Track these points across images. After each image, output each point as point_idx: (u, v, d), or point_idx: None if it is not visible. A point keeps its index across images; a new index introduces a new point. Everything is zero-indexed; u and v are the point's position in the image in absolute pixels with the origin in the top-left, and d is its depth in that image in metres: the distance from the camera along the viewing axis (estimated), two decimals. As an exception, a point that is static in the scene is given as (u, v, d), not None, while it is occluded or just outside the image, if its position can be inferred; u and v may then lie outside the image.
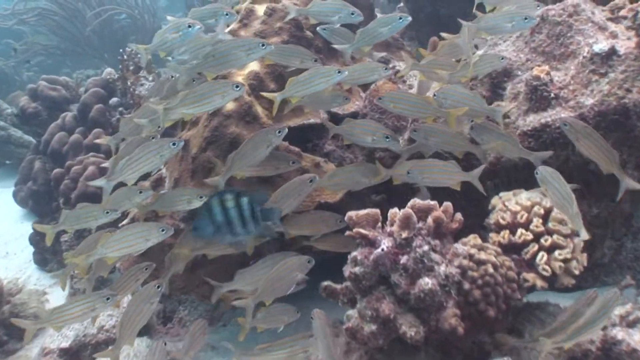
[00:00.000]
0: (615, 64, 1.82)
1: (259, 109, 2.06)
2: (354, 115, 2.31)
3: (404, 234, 1.52)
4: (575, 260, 1.65)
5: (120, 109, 3.41)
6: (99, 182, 1.89)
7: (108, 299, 1.69)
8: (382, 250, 1.53)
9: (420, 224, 1.54)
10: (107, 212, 1.87)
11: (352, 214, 1.60)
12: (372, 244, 1.58)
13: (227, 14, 1.98)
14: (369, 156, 2.26)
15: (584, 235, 1.52)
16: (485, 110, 1.87)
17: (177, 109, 1.75)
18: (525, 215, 1.68)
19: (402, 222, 1.52)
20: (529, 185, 2.06)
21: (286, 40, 2.24)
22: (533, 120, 1.92)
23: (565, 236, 1.66)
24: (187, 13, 2.15)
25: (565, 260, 1.62)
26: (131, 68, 3.44)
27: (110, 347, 1.91)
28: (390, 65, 2.68)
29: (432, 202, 1.57)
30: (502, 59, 1.95)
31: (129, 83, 3.38)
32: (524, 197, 1.76)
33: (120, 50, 3.50)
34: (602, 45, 1.85)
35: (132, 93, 3.36)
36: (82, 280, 2.78)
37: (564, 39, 2.02)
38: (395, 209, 1.60)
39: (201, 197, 1.85)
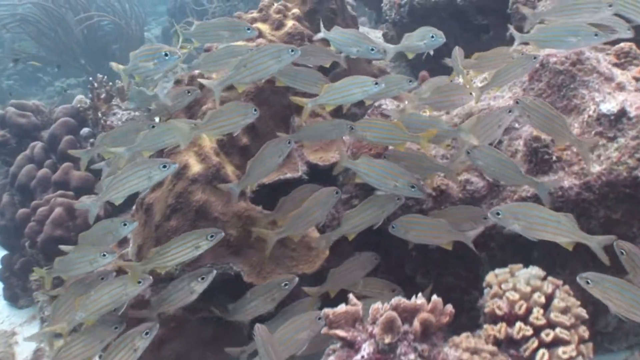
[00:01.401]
0: (626, 128, 1.62)
1: (229, 170, 1.86)
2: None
3: (387, 339, 1.33)
4: (581, 355, 1.47)
5: (92, 140, 3.19)
6: (86, 203, 1.78)
7: (116, 327, 1.66)
8: (362, 357, 1.34)
9: (406, 326, 1.36)
10: (104, 255, 1.68)
11: (328, 312, 1.42)
12: (351, 345, 1.39)
13: (248, 29, 1.90)
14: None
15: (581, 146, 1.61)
16: (449, 132, 1.74)
17: (202, 129, 1.70)
18: (525, 305, 1.49)
19: (385, 326, 1.33)
20: (527, 249, 1.88)
21: (252, 90, 2.03)
22: (532, 185, 1.73)
23: (569, 328, 1.48)
24: (170, 21, 2.06)
25: (569, 359, 1.44)
26: (102, 96, 3.21)
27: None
28: (377, 104, 2.48)
29: (419, 302, 1.38)
30: (535, 58, 1.75)
31: (99, 114, 3.15)
32: (523, 279, 1.57)
33: (89, 79, 3.27)
34: (610, 105, 1.65)
35: (104, 124, 3.14)
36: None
37: (566, 90, 1.82)
38: (378, 304, 1.41)
39: (212, 237, 1.65)
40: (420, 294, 1.43)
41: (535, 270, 1.62)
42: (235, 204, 1.80)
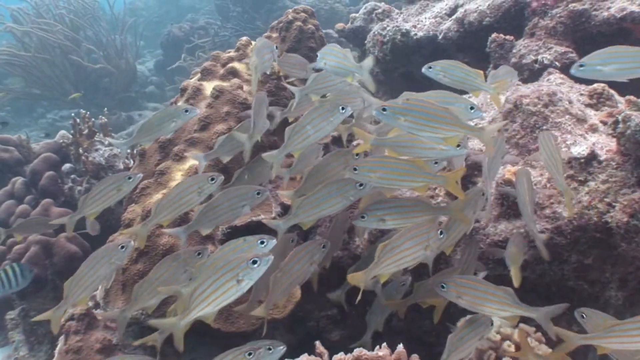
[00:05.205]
0: (596, 171, 1.60)
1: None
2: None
3: (349, 393, 1.28)
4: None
5: (73, 176, 3.16)
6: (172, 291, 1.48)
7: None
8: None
9: (368, 379, 1.31)
10: None
11: (289, 364, 1.37)
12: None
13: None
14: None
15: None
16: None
17: None
18: (494, 355, 1.45)
19: (347, 378, 1.29)
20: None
21: (233, 127, 2.02)
22: (505, 229, 1.70)
23: (541, 378, 1.43)
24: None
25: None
26: (85, 132, 3.20)
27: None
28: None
29: (382, 353, 1.33)
30: None
31: (80, 150, 3.13)
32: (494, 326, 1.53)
33: (71, 116, 3.26)
34: (580, 148, 1.63)
35: (86, 160, 3.11)
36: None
37: (539, 132, 1.81)
38: (341, 355, 1.37)
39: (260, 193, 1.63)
40: (384, 345, 1.38)
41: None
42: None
